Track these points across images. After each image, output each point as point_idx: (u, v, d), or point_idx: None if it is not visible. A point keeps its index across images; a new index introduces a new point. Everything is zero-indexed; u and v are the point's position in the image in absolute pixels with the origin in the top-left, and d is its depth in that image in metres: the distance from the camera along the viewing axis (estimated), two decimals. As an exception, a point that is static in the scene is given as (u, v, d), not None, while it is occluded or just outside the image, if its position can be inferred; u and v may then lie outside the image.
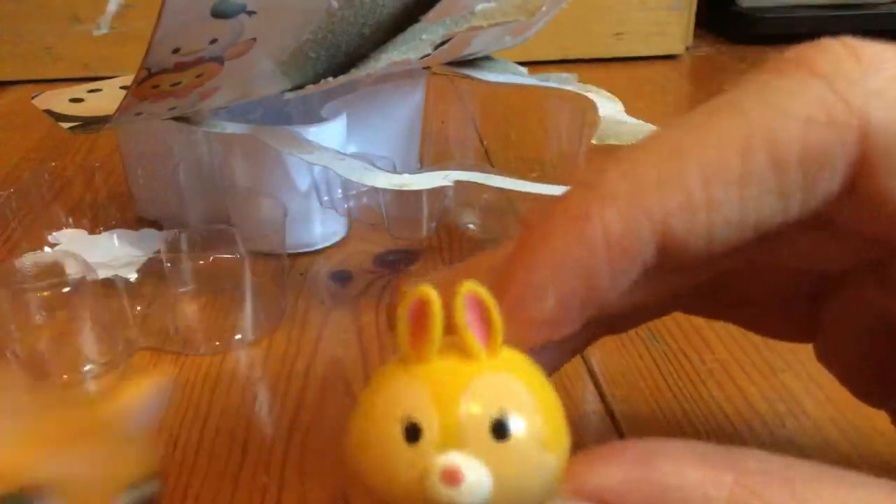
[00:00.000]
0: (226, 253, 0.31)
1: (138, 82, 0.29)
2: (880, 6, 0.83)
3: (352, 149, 0.39)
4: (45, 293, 0.28)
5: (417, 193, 0.34)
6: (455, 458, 0.12)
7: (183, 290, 0.33)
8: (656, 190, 0.13)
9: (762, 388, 0.27)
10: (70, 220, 0.40)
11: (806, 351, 0.20)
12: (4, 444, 0.13)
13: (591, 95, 0.41)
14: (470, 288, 0.13)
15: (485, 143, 0.52)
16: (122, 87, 0.42)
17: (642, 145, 0.14)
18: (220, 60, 0.30)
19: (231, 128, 0.35)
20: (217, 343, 0.31)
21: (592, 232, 0.13)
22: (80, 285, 0.28)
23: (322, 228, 0.38)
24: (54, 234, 0.39)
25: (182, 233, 0.32)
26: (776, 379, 0.28)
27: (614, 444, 0.14)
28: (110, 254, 0.36)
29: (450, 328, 0.13)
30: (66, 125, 0.37)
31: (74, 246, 0.37)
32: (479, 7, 0.35)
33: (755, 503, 0.12)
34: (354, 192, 0.36)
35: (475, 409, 0.13)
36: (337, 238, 0.39)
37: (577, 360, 0.29)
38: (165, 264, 0.31)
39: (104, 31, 0.68)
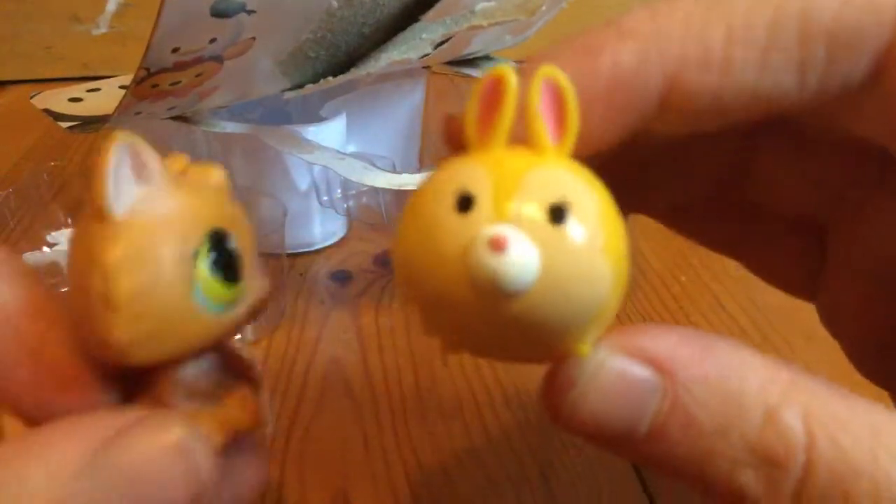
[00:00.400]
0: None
1: (137, 82, 0.29)
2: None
3: (351, 148, 0.39)
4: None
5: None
6: (505, 229, 0.11)
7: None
8: (677, 38, 0.13)
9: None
10: (69, 219, 0.40)
11: (805, 351, 0.20)
12: (197, 202, 0.14)
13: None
14: (549, 73, 0.12)
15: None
16: (121, 87, 0.42)
17: None
18: (219, 60, 0.30)
19: (230, 127, 0.35)
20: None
21: (601, 62, 0.13)
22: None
23: (322, 228, 0.38)
24: (53, 233, 0.39)
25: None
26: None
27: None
28: (110, 253, 0.36)
29: (516, 137, 0.12)
30: (64, 125, 0.37)
31: (74, 246, 0.37)
32: (479, 6, 0.35)
33: (811, 401, 0.12)
34: (354, 192, 0.36)
35: (534, 190, 0.12)
36: (336, 238, 0.39)
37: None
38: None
39: (103, 30, 0.68)
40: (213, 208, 0.14)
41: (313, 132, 0.35)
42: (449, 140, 0.14)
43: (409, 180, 0.32)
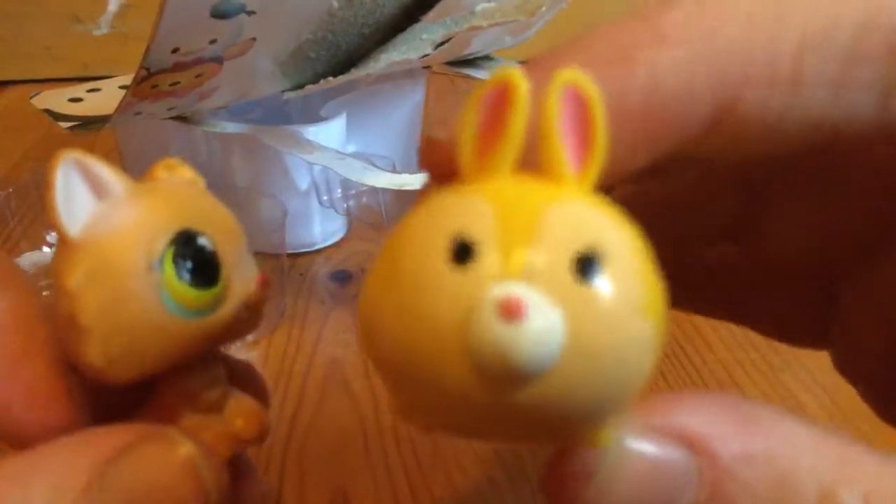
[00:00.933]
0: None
1: (137, 82, 0.29)
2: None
3: (351, 148, 0.39)
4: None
5: (417, 193, 0.34)
6: (520, 289, 0.09)
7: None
8: (736, 44, 0.10)
9: (762, 388, 0.27)
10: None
11: (806, 351, 0.20)
12: (159, 205, 0.13)
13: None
14: (572, 78, 0.09)
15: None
16: (121, 87, 0.42)
17: None
18: (219, 60, 0.30)
19: (230, 127, 0.35)
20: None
21: (635, 75, 0.10)
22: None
23: (322, 228, 0.38)
24: (53, 233, 0.39)
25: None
26: (776, 378, 0.28)
27: (697, 390, 0.11)
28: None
29: (525, 161, 0.09)
30: (65, 125, 0.37)
31: (74, 246, 0.37)
32: (479, 7, 0.35)
33: (867, 478, 0.10)
34: (354, 191, 0.36)
35: (554, 234, 0.09)
36: (336, 238, 0.39)
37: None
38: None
39: (104, 30, 0.68)
40: (180, 210, 0.14)
41: (313, 132, 0.35)
42: (430, 167, 0.11)
43: (409, 180, 0.32)
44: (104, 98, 0.40)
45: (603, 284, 0.09)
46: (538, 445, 0.11)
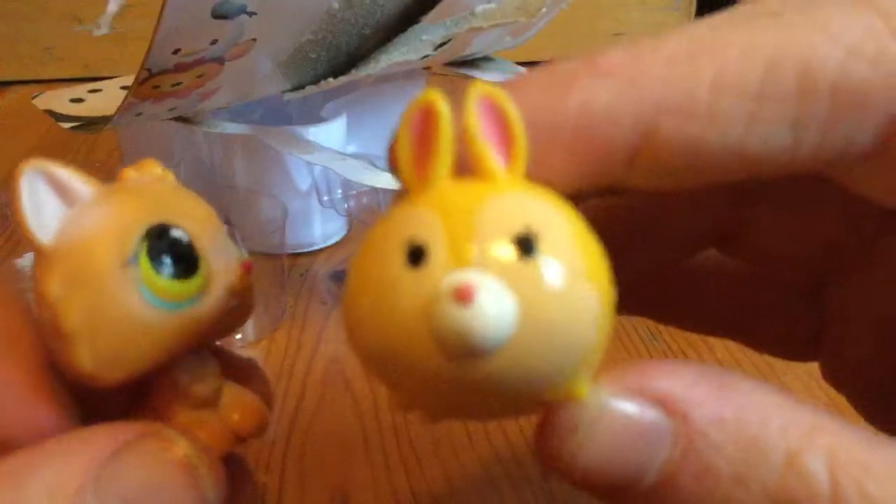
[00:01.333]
0: (226, 253, 0.31)
1: (139, 83, 0.29)
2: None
3: (352, 149, 0.39)
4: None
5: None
6: (468, 275, 0.10)
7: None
8: (658, 80, 0.11)
9: (762, 388, 0.27)
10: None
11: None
12: (128, 203, 0.13)
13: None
14: (484, 91, 0.11)
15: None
16: (122, 88, 0.42)
17: (664, 35, 0.12)
18: (220, 61, 0.30)
19: (231, 128, 0.35)
20: (217, 343, 0.31)
21: (570, 99, 0.11)
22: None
23: (322, 228, 0.38)
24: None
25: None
26: (776, 379, 0.28)
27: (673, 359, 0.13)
28: (110, 254, 0.36)
29: (460, 167, 0.11)
30: (66, 125, 0.37)
31: (75, 246, 0.37)
32: (480, 8, 0.35)
33: (835, 445, 0.11)
34: (354, 192, 0.36)
35: (493, 223, 0.10)
36: (337, 238, 0.39)
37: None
38: (166, 264, 0.31)
39: (104, 31, 0.68)
40: (151, 205, 0.13)
41: (314, 133, 0.35)
42: (396, 169, 0.12)
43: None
44: (105, 98, 0.40)
45: (542, 258, 0.10)
46: (518, 415, 0.12)
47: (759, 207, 0.17)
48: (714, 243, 0.18)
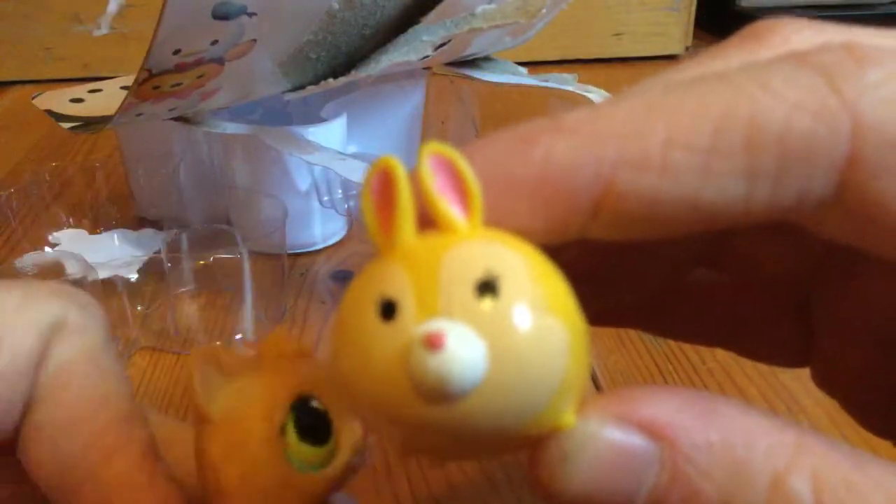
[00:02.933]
0: (226, 253, 0.31)
1: (139, 83, 0.29)
2: (880, 6, 0.83)
3: (352, 149, 0.39)
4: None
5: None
6: (437, 323, 0.10)
7: (183, 289, 0.33)
8: (614, 136, 0.12)
9: (762, 388, 0.27)
10: (70, 220, 0.40)
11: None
12: (276, 379, 0.16)
13: (590, 95, 0.41)
14: (435, 149, 0.11)
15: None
16: (122, 88, 0.42)
17: (620, 97, 0.13)
18: (220, 61, 0.30)
19: (231, 128, 0.35)
20: (217, 343, 0.31)
21: (533, 156, 0.12)
22: (80, 285, 0.28)
23: (322, 228, 0.38)
24: (55, 234, 0.39)
25: (182, 233, 0.32)
26: (775, 379, 0.28)
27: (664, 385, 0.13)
28: (110, 254, 0.37)
29: (424, 221, 0.12)
30: (66, 125, 0.37)
31: (75, 246, 0.38)
32: (480, 9, 0.35)
33: (820, 465, 0.11)
34: (354, 192, 0.36)
35: (455, 274, 0.11)
36: (337, 238, 0.39)
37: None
38: (166, 264, 0.31)
39: (104, 31, 0.68)
40: (293, 378, 0.16)
41: (314, 133, 0.35)
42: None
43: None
44: (105, 98, 0.40)
45: (505, 299, 0.11)
46: (511, 451, 0.13)
47: (737, 233, 0.17)
48: (700, 264, 0.18)
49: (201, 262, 0.32)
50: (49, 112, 0.39)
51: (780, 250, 0.17)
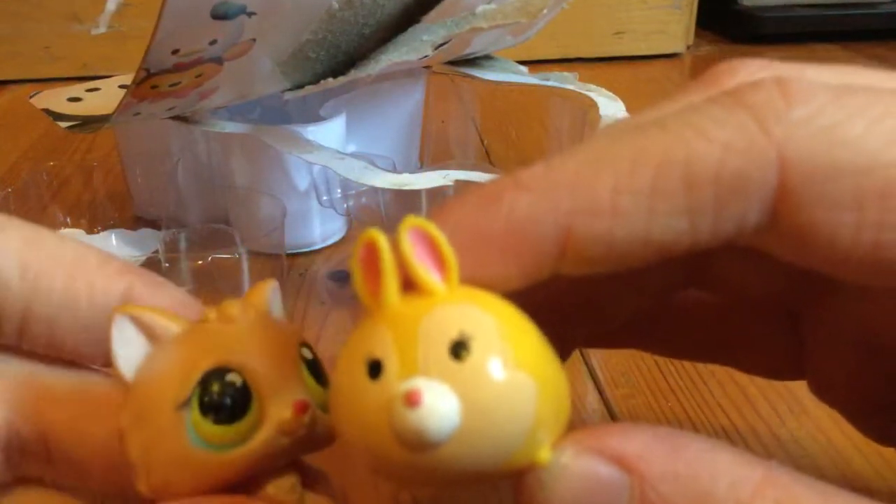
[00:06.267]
0: (225, 253, 0.31)
1: (137, 83, 0.29)
2: (880, 6, 0.83)
3: (351, 148, 0.39)
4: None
5: (417, 193, 0.34)
6: (415, 382, 0.12)
7: (181, 289, 0.33)
8: (568, 189, 0.13)
9: (762, 388, 0.27)
10: (68, 219, 0.40)
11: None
12: (197, 347, 0.15)
13: (591, 94, 0.41)
14: (413, 223, 0.13)
15: (485, 142, 0.52)
16: (120, 87, 0.42)
17: (574, 150, 0.14)
18: (219, 61, 0.30)
19: (230, 127, 0.35)
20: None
21: (496, 213, 0.14)
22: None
23: (321, 228, 0.38)
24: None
25: (181, 232, 0.32)
26: (780, 385, 0.28)
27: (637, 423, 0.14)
28: (109, 254, 0.36)
29: (406, 278, 0.13)
30: (64, 124, 0.37)
31: (73, 246, 0.37)
32: (480, 8, 0.35)
33: (784, 498, 0.12)
34: (354, 191, 0.36)
35: (431, 336, 0.12)
36: (336, 238, 0.39)
37: (578, 359, 0.29)
38: (164, 264, 0.31)
39: (103, 30, 0.68)
40: (216, 348, 0.15)
41: (313, 132, 0.35)
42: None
43: (409, 180, 0.32)
44: (103, 98, 0.40)
45: (475, 358, 0.12)
46: (493, 482, 0.14)
47: (714, 255, 0.18)
48: (689, 286, 0.19)
49: (199, 262, 0.32)
50: (47, 111, 0.39)
51: (762, 270, 0.18)
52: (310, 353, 0.16)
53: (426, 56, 0.35)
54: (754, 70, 0.15)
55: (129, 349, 0.15)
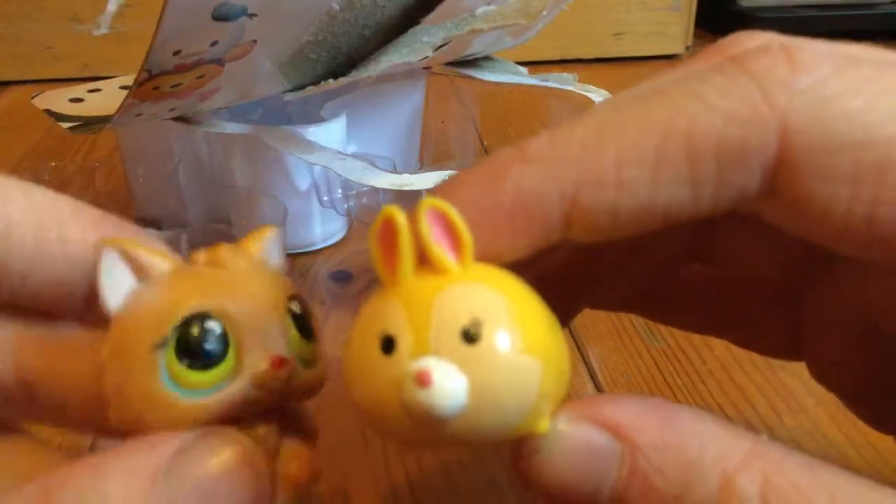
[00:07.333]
0: (226, 253, 0.31)
1: (139, 84, 0.29)
2: (880, 6, 0.83)
3: (352, 149, 0.39)
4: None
5: (417, 193, 0.34)
6: (427, 362, 0.12)
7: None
8: (573, 161, 0.14)
9: (761, 386, 0.27)
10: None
11: (805, 351, 0.20)
12: (182, 287, 0.15)
13: (590, 95, 0.41)
14: (431, 203, 0.13)
15: (485, 142, 0.52)
16: (122, 87, 0.42)
17: (578, 120, 0.14)
18: (220, 62, 0.30)
19: (231, 128, 0.35)
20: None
21: (503, 187, 0.14)
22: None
23: (322, 228, 0.38)
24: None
25: (182, 233, 0.32)
26: (775, 377, 0.28)
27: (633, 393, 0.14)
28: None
29: (421, 254, 0.13)
30: (66, 125, 0.37)
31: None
32: (480, 10, 0.35)
33: (770, 469, 0.12)
34: (354, 192, 0.36)
35: (444, 318, 0.13)
36: (337, 238, 0.39)
37: (577, 359, 0.29)
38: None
39: (104, 30, 0.68)
40: (199, 290, 0.14)
41: (313, 132, 0.35)
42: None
43: (409, 180, 0.33)
44: (105, 98, 0.40)
45: (485, 343, 0.13)
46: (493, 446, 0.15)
47: (719, 230, 0.18)
48: (692, 259, 0.19)
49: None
50: (48, 112, 0.39)
51: (764, 246, 0.18)
52: (299, 306, 0.16)
53: (426, 57, 0.36)
54: (760, 42, 0.15)
55: (115, 282, 0.14)
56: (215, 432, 0.14)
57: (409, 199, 0.35)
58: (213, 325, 0.14)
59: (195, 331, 0.14)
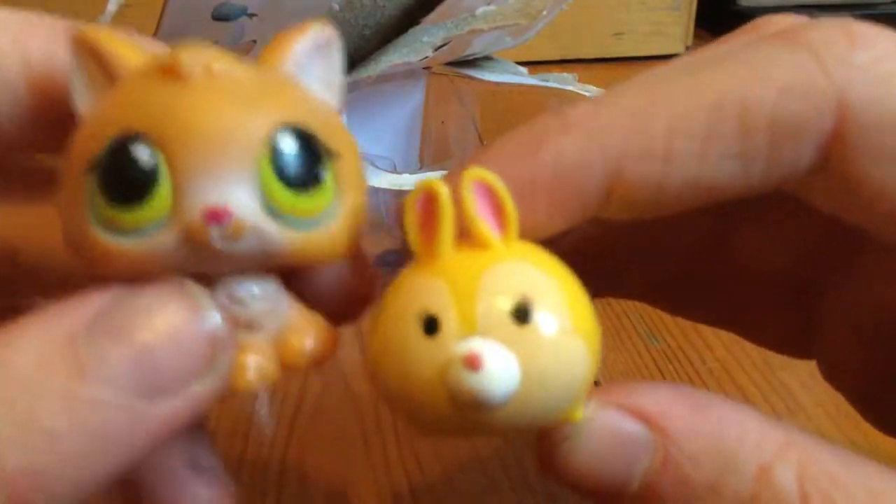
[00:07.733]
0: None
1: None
2: (880, 6, 0.83)
3: (352, 149, 0.39)
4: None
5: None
6: (477, 343, 0.11)
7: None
8: (619, 130, 0.13)
9: (761, 387, 0.27)
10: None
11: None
12: (126, 101, 0.12)
13: (590, 95, 0.41)
14: (477, 175, 0.12)
15: (485, 142, 0.52)
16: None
17: (623, 87, 0.14)
18: (220, 61, 0.30)
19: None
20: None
21: (544, 155, 0.13)
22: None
23: (322, 228, 0.38)
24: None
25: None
26: (775, 377, 0.28)
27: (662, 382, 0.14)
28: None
29: (459, 227, 0.13)
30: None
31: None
32: (480, 10, 0.35)
33: (806, 459, 0.12)
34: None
35: (494, 296, 0.12)
36: (337, 238, 0.39)
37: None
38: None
39: (104, 31, 0.68)
40: (143, 109, 0.11)
41: (314, 133, 0.35)
42: (406, 235, 0.13)
43: (409, 180, 0.33)
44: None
45: (537, 322, 0.12)
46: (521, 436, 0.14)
47: (738, 223, 0.18)
48: (707, 252, 0.19)
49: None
50: (49, 112, 0.39)
51: (780, 240, 0.18)
52: (294, 141, 0.12)
53: (426, 57, 0.36)
54: (793, 21, 0.14)
55: (85, 84, 0.12)
56: (160, 284, 0.11)
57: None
58: (141, 153, 0.11)
59: (117, 157, 0.11)
